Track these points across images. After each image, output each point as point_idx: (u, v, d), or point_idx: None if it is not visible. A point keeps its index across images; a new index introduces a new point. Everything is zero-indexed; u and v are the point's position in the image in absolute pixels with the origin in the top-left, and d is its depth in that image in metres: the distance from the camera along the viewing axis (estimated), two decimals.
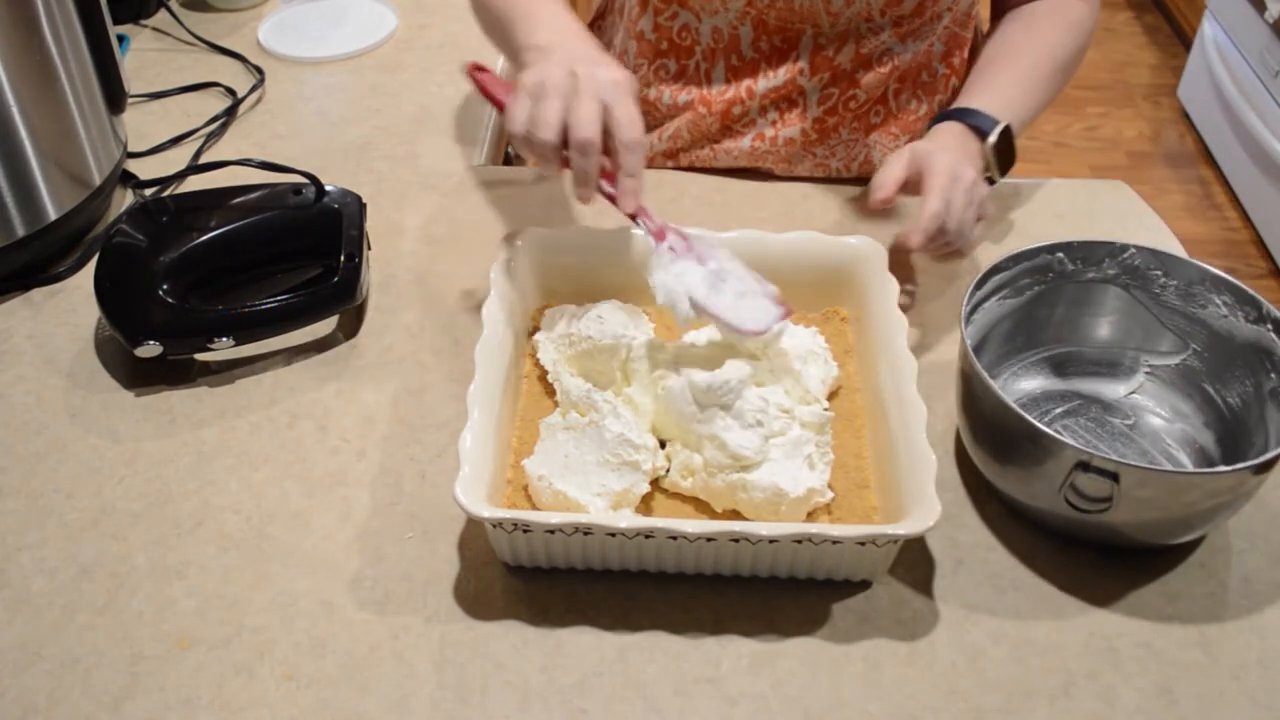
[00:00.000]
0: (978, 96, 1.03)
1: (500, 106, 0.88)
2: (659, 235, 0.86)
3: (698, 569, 0.77)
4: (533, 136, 0.82)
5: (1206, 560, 0.80)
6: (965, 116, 1.01)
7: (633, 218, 0.86)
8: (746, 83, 1.10)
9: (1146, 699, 0.71)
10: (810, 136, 1.12)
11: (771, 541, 0.73)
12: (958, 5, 1.07)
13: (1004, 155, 1.00)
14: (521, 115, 0.83)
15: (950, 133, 1.00)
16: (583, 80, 0.82)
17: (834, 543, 0.73)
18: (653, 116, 1.16)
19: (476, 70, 0.93)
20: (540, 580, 0.77)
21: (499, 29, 0.98)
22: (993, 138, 0.99)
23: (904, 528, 0.71)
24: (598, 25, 1.25)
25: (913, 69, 1.10)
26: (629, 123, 0.82)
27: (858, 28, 1.06)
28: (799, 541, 0.73)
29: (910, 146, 0.97)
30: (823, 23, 1.05)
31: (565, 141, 0.82)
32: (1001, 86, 1.04)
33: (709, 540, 0.73)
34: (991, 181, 1.01)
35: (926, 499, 0.72)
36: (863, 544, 0.73)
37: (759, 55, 1.09)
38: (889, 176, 0.95)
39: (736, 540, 0.73)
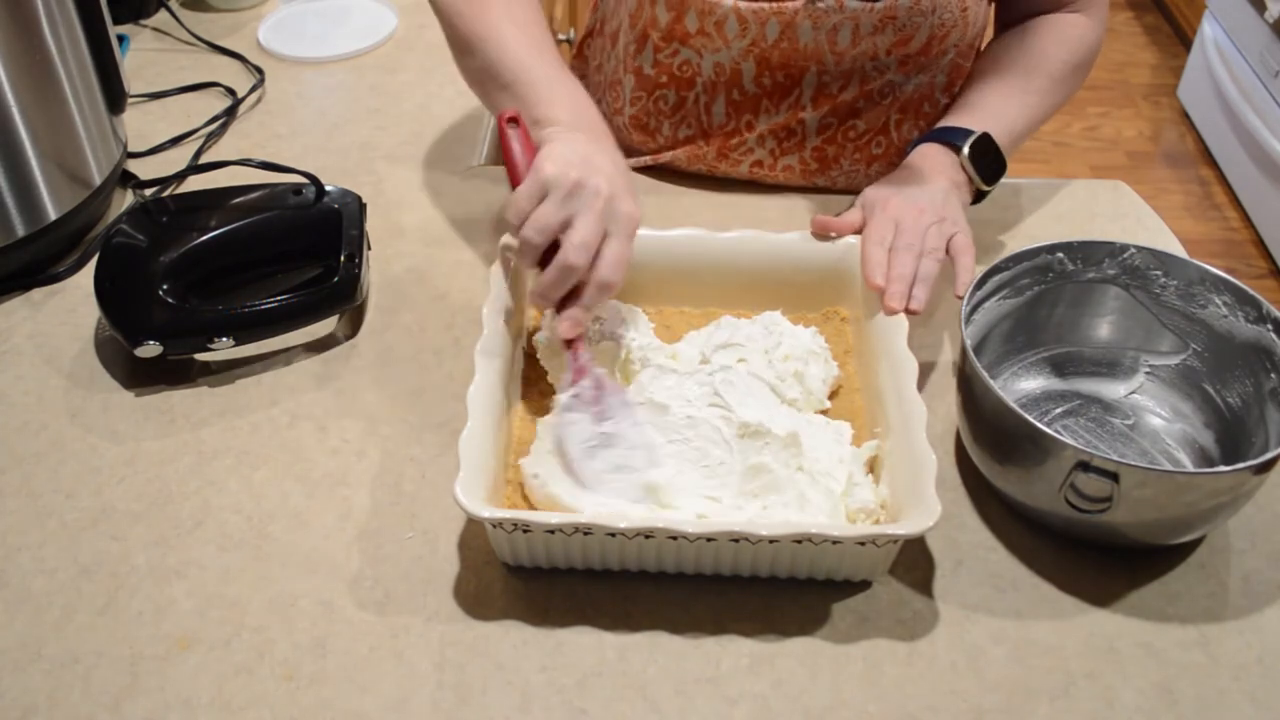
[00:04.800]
0: (963, 113, 1.02)
1: (512, 167, 0.85)
2: (575, 375, 0.81)
3: (698, 569, 0.77)
4: (525, 231, 0.80)
5: (1206, 560, 0.80)
6: (943, 135, 1.00)
7: (567, 344, 0.82)
8: (747, 118, 1.09)
9: (1146, 699, 0.71)
10: (810, 167, 1.11)
11: (771, 541, 0.73)
12: (964, 39, 1.05)
13: (988, 165, 0.99)
14: (525, 206, 0.81)
15: (924, 156, 0.99)
16: (603, 201, 0.80)
17: (834, 543, 0.73)
18: (649, 147, 1.15)
19: (509, 122, 0.86)
20: (540, 580, 0.77)
21: (502, 90, 0.91)
22: (965, 149, 0.98)
23: (904, 528, 0.71)
24: (585, 45, 1.23)
25: (914, 100, 1.08)
26: (614, 263, 0.81)
27: (863, 66, 1.04)
28: (799, 542, 0.73)
29: (866, 194, 0.97)
30: (827, 62, 1.03)
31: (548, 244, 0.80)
32: (987, 100, 1.03)
33: (709, 540, 0.73)
34: (981, 195, 1.00)
35: (926, 499, 0.72)
36: (863, 544, 0.73)
37: (761, 91, 1.07)
38: (845, 220, 0.95)
39: (736, 540, 0.73)
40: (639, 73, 1.10)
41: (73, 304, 1.00)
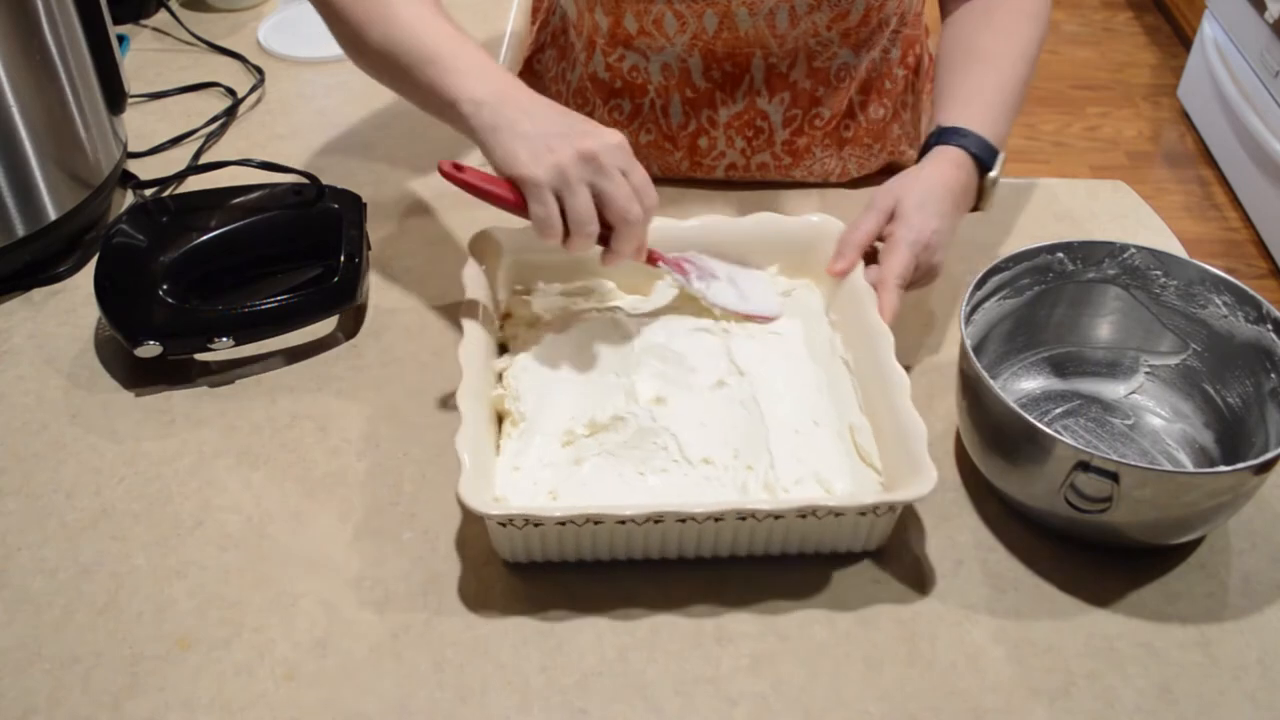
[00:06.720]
0: (963, 111, 0.95)
1: (500, 201, 0.83)
2: (679, 269, 0.91)
3: (698, 552, 0.78)
4: (577, 236, 0.80)
5: (1206, 560, 0.80)
6: (965, 142, 0.92)
7: (651, 262, 0.88)
8: (706, 113, 1.09)
9: (1146, 699, 0.71)
10: (783, 161, 1.12)
11: (777, 517, 0.74)
12: (903, 5, 1.05)
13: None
14: (553, 217, 0.79)
15: (945, 165, 0.91)
16: (601, 156, 0.79)
17: (836, 515, 0.74)
18: None
19: (457, 169, 0.84)
20: (541, 579, 0.77)
21: (404, 74, 0.87)
22: (995, 171, 0.93)
23: (903, 494, 0.73)
24: (535, 59, 1.22)
25: (873, 79, 1.08)
26: (647, 188, 0.81)
27: (807, 44, 1.04)
28: (803, 516, 0.74)
29: (880, 205, 0.90)
30: (771, 45, 1.04)
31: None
32: (986, 98, 0.96)
33: (716, 520, 0.74)
34: (976, 208, 0.96)
35: (923, 466, 0.73)
36: (864, 514, 0.74)
37: (712, 84, 1.07)
38: (853, 242, 0.90)
39: (743, 518, 0.74)
40: (594, 78, 1.11)
41: (73, 304, 1.00)
